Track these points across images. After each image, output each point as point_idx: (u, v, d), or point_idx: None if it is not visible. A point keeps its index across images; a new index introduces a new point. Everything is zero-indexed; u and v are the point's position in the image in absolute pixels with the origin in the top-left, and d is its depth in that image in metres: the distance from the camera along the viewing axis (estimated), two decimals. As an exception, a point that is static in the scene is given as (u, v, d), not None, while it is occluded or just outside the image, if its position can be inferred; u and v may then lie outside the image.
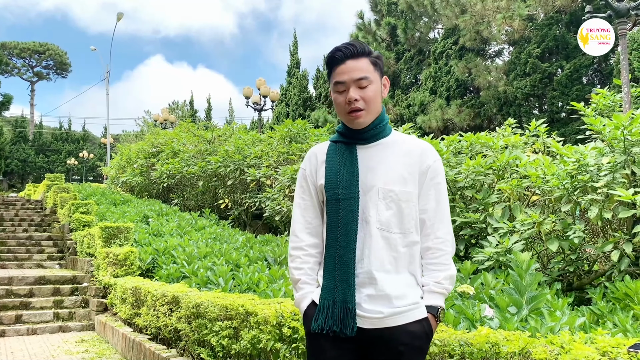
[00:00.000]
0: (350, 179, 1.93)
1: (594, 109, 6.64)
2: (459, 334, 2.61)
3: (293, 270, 2.02)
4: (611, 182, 4.71)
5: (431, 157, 1.99)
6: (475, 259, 5.09)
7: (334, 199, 1.94)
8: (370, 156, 1.98)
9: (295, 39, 34.99)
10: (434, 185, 1.98)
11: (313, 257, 2.02)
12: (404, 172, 1.94)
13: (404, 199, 1.92)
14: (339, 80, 1.95)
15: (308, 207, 2.05)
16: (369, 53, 1.97)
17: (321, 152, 2.07)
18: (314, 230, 2.03)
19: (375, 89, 1.96)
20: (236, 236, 9.67)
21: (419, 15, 24.20)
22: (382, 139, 2.00)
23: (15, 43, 63.89)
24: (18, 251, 11.50)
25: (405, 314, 1.86)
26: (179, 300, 5.20)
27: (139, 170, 16.73)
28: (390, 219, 1.90)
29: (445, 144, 6.74)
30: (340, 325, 1.84)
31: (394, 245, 1.89)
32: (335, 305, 1.86)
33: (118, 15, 31.59)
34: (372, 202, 1.91)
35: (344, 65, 1.95)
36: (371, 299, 1.86)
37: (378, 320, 1.85)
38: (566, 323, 3.03)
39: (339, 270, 1.88)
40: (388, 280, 1.87)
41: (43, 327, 7.76)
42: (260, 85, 19.95)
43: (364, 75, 1.93)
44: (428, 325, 1.89)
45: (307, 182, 2.06)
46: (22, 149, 52.32)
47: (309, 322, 1.93)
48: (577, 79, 18.79)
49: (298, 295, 2.00)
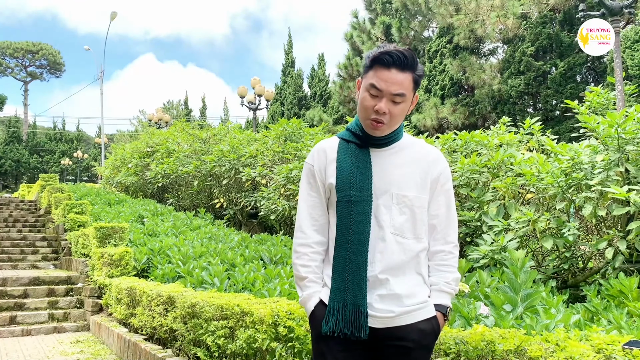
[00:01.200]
0: (364, 181, 1.92)
1: (588, 107, 6.67)
2: (455, 332, 2.62)
3: (300, 267, 1.98)
4: (605, 179, 4.73)
5: (442, 164, 2.01)
6: (470, 257, 5.11)
7: (345, 200, 1.92)
8: (383, 160, 1.96)
9: (290, 38, 35.06)
10: (444, 191, 2.00)
11: (320, 254, 1.99)
12: (417, 178, 1.95)
13: (417, 204, 1.92)
14: (377, 87, 1.87)
15: (316, 204, 2.01)
16: (415, 68, 1.90)
17: (331, 149, 2.02)
18: (320, 228, 2.00)
19: (405, 108, 1.92)
20: (231, 236, 9.66)
21: (414, 14, 24.22)
22: (395, 142, 1.99)
23: (8, 43, 63.58)
24: (12, 252, 11.44)
25: (415, 313, 1.87)
26: (175, 300, 5.19)
27: (133, 170, 16.69)
28: (403, 224, 1.91)
29: (440, 143, 6.76)
30: (352, 327, 1.84)
31: (407, 250, 1.90)
32: (345, 307, 1.85)
33: (112, 14, 31.45)
34: (385, 206, 1.91)
35: (387, 72, 1.86)
36: (382, 298, 1.87)
37: (389, 320, 1.86)
38: (561, 320, 3.04)
39: (350, 272, 1.87)
40: (398, 281, 1.88)
41: (38, 328, 7.73)
42: (255, 85, 19.92)
43: (402, 92, 1.87)
44: (437, 323, 1.91)
45: (316, 178, 2.01)
46: (16, 149, 52.11)
47: (316, 322, 1.91)
48: (571, 77, 18.85)
49: (305, 294, 1.97)
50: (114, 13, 31.46)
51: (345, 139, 2.02)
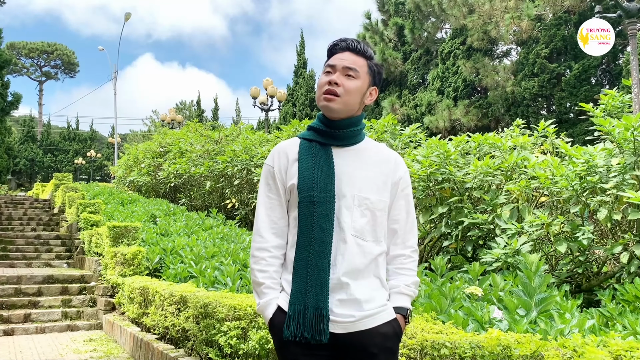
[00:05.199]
0: (326, 182, 1.89)
1: (603, 109, 6.60)
2: (470, 336, 2.60)
3: (257, 272, 1.94)
4: (620, 183, 4.68)
5: (402, 169, 2.01)
6: (483, 260, 5.07)
7: (308, 201, 1.89)
8: (345, 160, 1.95)
9: (302, 39, 35.02)
10: (404, 196, 2.00)
11: (278, 259, 1.95)
12: (379, 181, 1.94)
13: (379, 207, 1.92)
14: (330, 64, 1.95)
15: (274, 207, 1.97)
16: (370, 57, 1.98)
17: (292, 150, 1.99)
18: (279, 231, 1.96)
19: (358, 85, 1.94)
20: (243, 236, 9.68)
21: (427, 16, 24.15)
22: (357, 144, 1.99)
23: (24, 43, 64.32)
24: (27, 250, 11.58)
25: (375, 317, 1.85)
26: (187, 300, 5.21)
27: (146, 169, 16.78)
28: (364, 227, 1.89)
29: (453, 145, 6.73)
30: (313, 331, 1.80)
31: (367, 252, 1.88)
32: (306, 311, 1.82)
33: (126, 15, 31.72)
34: (346, 208, 1.89)
35: (341, 54, 1.96)
36: (342, 303, 1.84)
37: (350, 324, 1.83)
38: (576, 325, 3.01)
39: (311, 274, 1.84)
40: (357, 285, 1.86)
41: (51, 326, 7.80)
42: (267, 86, 19.98)
43: (354, 67, 1.93)
44: (398, 325, 1.89)
45: (275, 180, 1.98)
46: (31, 148, 52.65)
47: (276, 329, 1.87)
48: (585, 79, 18.69)
49: (262, 302, 1.92)
50: (128, 14, 31.73)
51: (307, 139, 2.00)
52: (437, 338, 2.71)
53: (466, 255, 6.24)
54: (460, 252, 6.26)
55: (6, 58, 22.94)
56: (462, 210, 5.99)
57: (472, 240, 5.91)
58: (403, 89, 25.42)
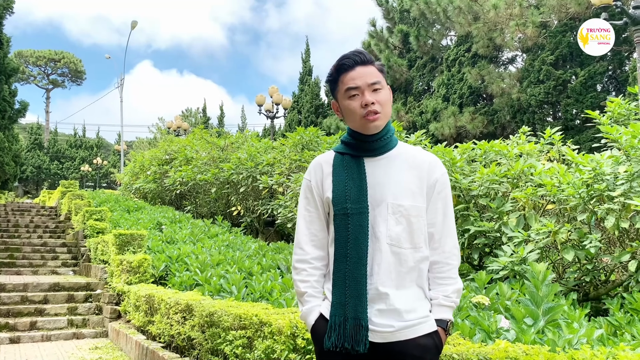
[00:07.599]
0: (359, 193, 1.91)
1: (609, 117, 6.58)
2: (477, 348, 2.58)
3: (299, 282, 1.99)
4: (628, 191, 4.65)
5: (439, 170, 1.99)
6: (490, 268, 5.05)
7: (342, 213, 1.91)
8: (378, 170, 1.95)
9: (307, 47, 35.12)
10: (441, 198, 1.98)
11: (319, 269, 1.99)
12: (413, 186, 1.93)
13: (413, 213, 1.90)
14: (352, 86, 1.93)
15: (314, 220, 2.01)
16: (373, 61, 2.00)
17: (327, 163, 2.03)
18: (319, 243, 2.00)
19: (387, 94, 1.96)
20: (249, 244, 9.68)
21: (432, 23, 24.16)
22: (389, 151, 1.98)
23: (31, 51, 64.75)
24: (33, 257, 11.61)
25: (415, 328, 1.85)
26: (193, 308, 5.20)
27: (152, 177, 16.83)
28: (400, 234, 1.89)
29: (458, 152, 6.71)
30: (353, 342, 1.82)
31: (405, 260, 1.88)
32: (346, 322, 1.84)
33: (132, 23, 31.95)
34: (381, 217, 1.90)
35: (353, 71, 1.94)
36: (382, 313, 1.85)
37: (389, 334, 1.84)
38: (584, 335, 2.98)
39: (349, 286, 1.86)
40: (398, 295, 1.86)
41: (57, 334, 7.81)
42: (272, 93, 20.02)
43: (377, 79, 1.94)
44: (438, 338, 1.88)
45: (313, 193, 2.02)
46: (37, 155, 52.89)
47: (318, 336, 1.91)
48: (591, 86, 18.62)
49: (305, 309, 1.97)
50: (134, 22, 31.95)
51: (340, 152, 2.02)
52: (444, 349, 2.69)
53: (472, 263, 6.21)
54: (467, 260, 6.23)
55: (14, 66, 23.11)
56: (468, 218, 5.96)
57: (479, 248, 5.88)
58: (408, 96, 25.41)
